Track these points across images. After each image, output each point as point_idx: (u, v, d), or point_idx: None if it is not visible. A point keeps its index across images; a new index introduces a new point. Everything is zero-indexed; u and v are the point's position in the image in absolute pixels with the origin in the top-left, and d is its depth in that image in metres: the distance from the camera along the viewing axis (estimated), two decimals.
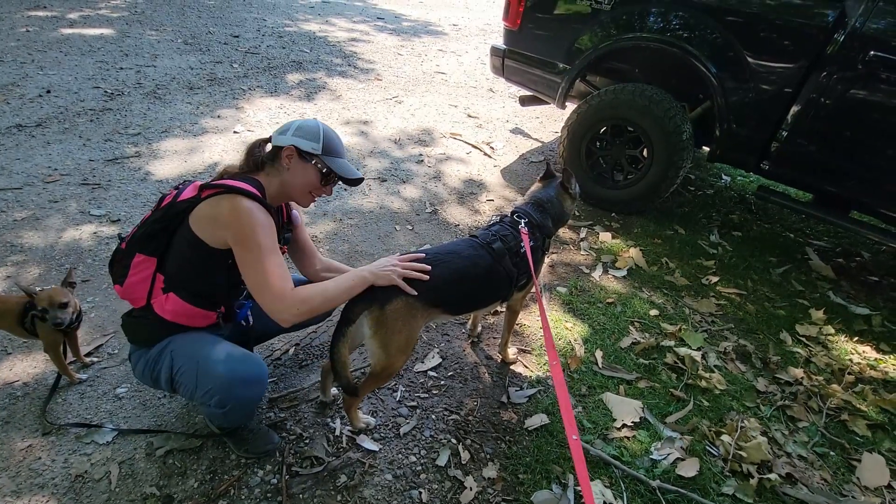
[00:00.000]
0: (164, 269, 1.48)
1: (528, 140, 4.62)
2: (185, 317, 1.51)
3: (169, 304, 1.48)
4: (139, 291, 1.50)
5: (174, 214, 1.44)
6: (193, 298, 1.50)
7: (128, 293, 1.52)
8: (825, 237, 3.70)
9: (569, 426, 1.31)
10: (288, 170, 1.51)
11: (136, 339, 1.58)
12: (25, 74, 4.20)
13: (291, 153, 1.50)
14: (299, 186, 1.54)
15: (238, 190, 1.39)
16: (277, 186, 1.53)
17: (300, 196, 1.58)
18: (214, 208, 1.39)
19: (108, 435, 1.72)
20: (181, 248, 1.45)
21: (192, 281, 1.49)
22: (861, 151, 2.71)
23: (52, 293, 1.71)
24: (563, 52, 3.45)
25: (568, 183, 2.06)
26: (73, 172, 3.11)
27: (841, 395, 2.21)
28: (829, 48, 2.61)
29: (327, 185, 1.58)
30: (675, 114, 3.07)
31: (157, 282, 1.49)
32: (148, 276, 1.48)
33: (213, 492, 1.59)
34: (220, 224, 1.38)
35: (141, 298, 1.50)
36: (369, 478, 1.69)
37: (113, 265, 1.55)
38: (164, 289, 1.48)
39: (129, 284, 1.50)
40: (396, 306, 1.54)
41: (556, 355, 1.48)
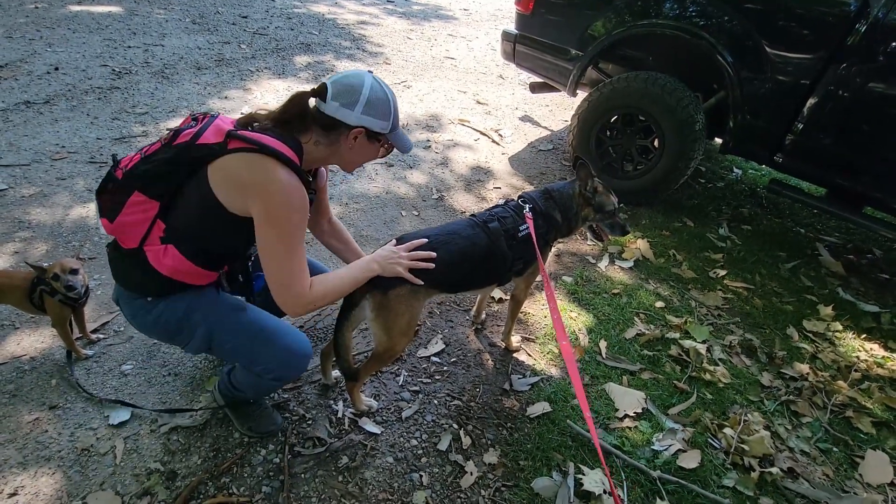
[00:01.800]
0: (168, 219, 1.27)
1: (538, 128, 4.56)
2: (185, 275, 1.33)
3: (167, 259, 1.29)
4: (132, 234, 1.29)
5: (190, 160, 1.22)
6: (197, 257, 1.31)
7: (117, 231, 1.31)
8: (836, 233, 3.65)
9: (583, 403, 1.32)
10: (349, 148, 1.35)
11: (127, 284, 1.39)
12: (34, 51, 4.18)
13: (360, 134, 1.33)
14: (356, 160, 1.42)
15: (276, 153, 1.19)
16: (325, 156, 1.37)
17: (350, 167, 1.45)
18: (243, 171, 1.19)
19: (125, 415, 1.73)
20: (193, 202, 1.25)
21: (199, 240, 1.30)
22: (878, 146, 2.66)
23: (62, 262, 1.75)
24: (576, 39, 3.38)
25: (583, 182, 1.87)
26: (80, 150, 3.11)
27: (846, 392, 2.19)
28: (849, 39, 2.54)
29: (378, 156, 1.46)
30: (688, 103, 3.01)
31: (155, 229, 1.28)
32: (146, 219, 1.27)
33: (216, 469, 1.60)
34: (247, 192, 1.20)
35: (132, 241, 1.29)
36: (370, 460, 1.70)
37: (102, 194, 1.30)
38: (163, 238, 1.28)
39: (121, 223, 1.28)
40: (399, 290, 1.54)
41: (566, 335, 1.47)
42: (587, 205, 1.90)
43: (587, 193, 1.88)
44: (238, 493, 1.56)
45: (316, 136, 1.32)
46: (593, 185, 1.87)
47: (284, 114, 1.29)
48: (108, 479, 1.55)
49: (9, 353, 1.89)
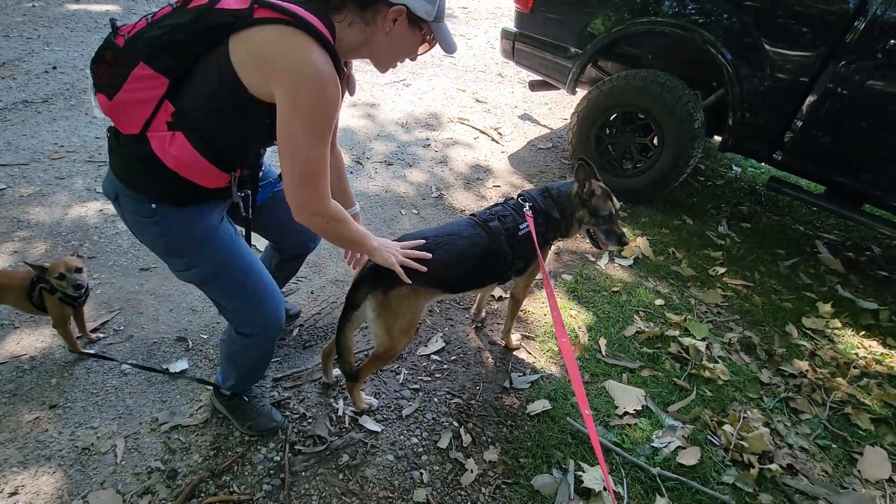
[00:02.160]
0: (177, 100, 1.09)
1: (537, 126, 4.56)
2: (192, 170, 1.15)
3: (174, 149, 1.11)
4: (133, 116, 1.10)
5: (208, 28, 1.03)
6: (208, 149, 1.13)
7: (115, 112, 1.11)
8: (835, 231, 3.65)
9: (581, 401, 1.31)
10: (387, 34, 1.17)
11: (128, 182, 1.20)
12: (31, 50, 4.17)
13: (400, 15, 1.14)
14: (392, 53, 1.24)
15: (311, 28, 1.01)
16: (359, 43, 1.18)
17: (383, 63, 1.27)
18: (272, 46, 1.01)
19: None
20: (209, 80, 1.07)
21: (213, 128, 1.13)
22: (877, 143, 2.66)
23: (65, 260, 1.74)
24: (575, 36, 3.38)
25: (581, 183, 1.82)
26: (79, 149, 3.10)
27: (845, 389, 2.20)
28: (848, 36, 2.54)
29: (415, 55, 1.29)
30: (687, 101, 3.01)
31: (161, 111, 1.09)
32: (151, 99, 1.08)
33: (217, 467, 1.61)
34: (275, 73, 1.02)
35: (133, 126, 1.11)
36: (371, 458, 1.71)
37: (99, 64, 1.11)
38: (170, 124, 1.09)
39: (120, 101, 1.09)
40: (400, 290, 1.54)
41: (566, 332, 1.46)
42: (582, 206, 1.85)
43: (583, 195, 1.83)
44: (239, 491, 1.56)
45: (350, 16, 1.13)
46: (591, 187, 1.82)
47: None
48: (109, 478, 1.55)
49: (8, 353, 1.89)
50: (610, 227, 1.86)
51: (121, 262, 2.38)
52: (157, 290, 2.26)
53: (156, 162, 1.12)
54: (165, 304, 2.20)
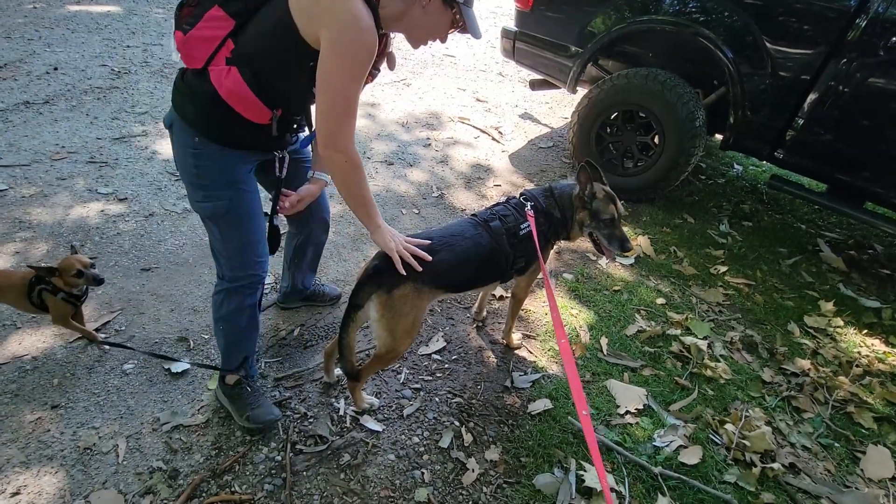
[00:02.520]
0: (238, 39, 1.28)
1: (538, 125, 4.56)
2: (240, 102, 1.33)
3: (228, 81, 1.29)
4: (200, 51, 1.29)
5: None
6: (256, 84, 1.30)
7: (187, 46, 1.31)
8: (837, 229, 3.64)
9: (579, 402, 1.30)
10: (423, 7, 1.32)
11: (182, 112, 1.40)
12: (33, 51, 4.17)
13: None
14: (424, 30, 1.37)
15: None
16: (397, 14, 1.33)
17: (417, 38, 1.40)
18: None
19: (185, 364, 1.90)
20: (268, 22, 1.26)
21: (264, 64, 1.29)
22: (879, 141, 2.65)
23: (77, 257, 1.77)
24: (576, 35, 3.38)
25: (583, 185, 1.78)
26: (80, 150, 3.11)
27: (848, 388, 2.19)
28: (849, 34, 2.53)
29: (446, 36, 1.42)
30: (688, 99, 3.01)
31: (224, 49, 1.29)
32: (217, 37, 1.28)
33: (219, 467, 1.61)
34: (322, 17, 1.19)
35: (199, 60, 1.30)
36: (372, 457, 1.71)
37: (183, 7, 1.33)
38: (228, 59, 1.29)
39: (193, 37, 1.29)
40: (404, 291, 1.54)
41: (565, 333, 1.46)
42: (583, 208, 1.81)
43: (584, 197, 1.80)
44: (240, 491, 1.56)
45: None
46: (592, 189, 1.78)
47: None
48: (111, 478, 1.55)
49: (11, 353, 1.89)
50: (612, 231, 1.80)
51: (122, 263, 2.38)
52: (158, 290, 2.26)
53: (208, 97, 1.32)
54: (167, 304, 2.21)
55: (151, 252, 2.47)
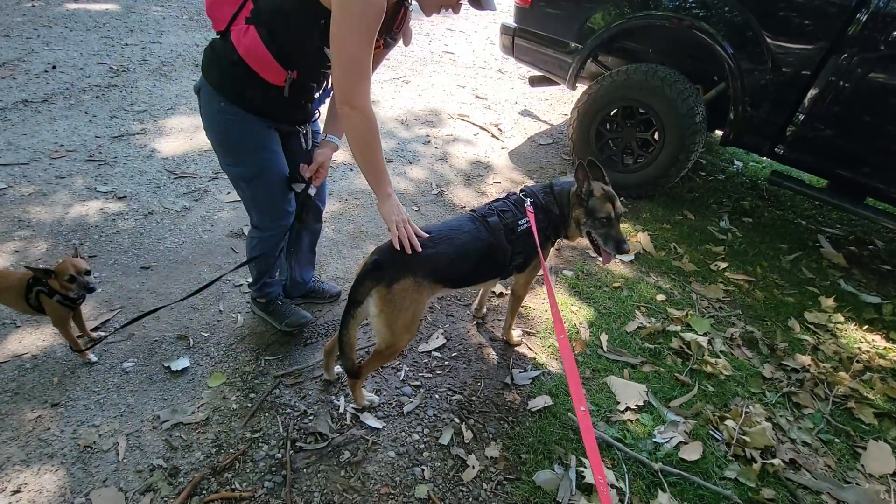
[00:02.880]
0: (257, 1, 1.40)
1: (537, 122, 4.55)
2: (256, 60, 1.42)
3: (246, 39, 1.40)
4: (224, 12, 1.42)
5: None
6: (272, 44, 1.40)
7: (213, 9, 1.45)
8: (837, 225, 3.64)
9: (577, 397, 1.30)
10: None
11: (208, 76, 1.52)
12: (31, 50, 4.16)
13: None
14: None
15: None
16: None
17: (429, 5, 1.44)
18: None
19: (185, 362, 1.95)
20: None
21: (278, 24, 1.38)
22: (880, 136, 2.64)
23: (74, 262, 1.72)
24: (575, 31, 3.37)
25: (580, 182, 1.76)
26: (79, 149, 3.10)
27: (848, 383, 2.19)
28: (850, 29, 2.52)
29: (458, 4, 1.45)
30: (688, 95, 3.00)
31: (244, 10, 1.40)
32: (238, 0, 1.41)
33: (219, 465, 1.61)
34: None
35: (223, 21, 1.43)
36: (372, 454, 1.71)
37: None
38: (248, 19, 1.39)
39: (219, 1, 1.43)
40: (403, 285, 1.53)
41: (564, 329, 1.45)
42: (579, 206, 1.79)
43: (581, 194, 1.77)
44: (241, 488, 1.56)
45: None
46: (590, 187, 1.75)
47: None
48: (111, 476, 1.55)
49: (10, 352, 1.89)
50: (608, 231, 1.76)
51: (121, 261, 2.38)
52: (157, 288, 2.26)
53: (228, 58, 1.43)
54: (166, 302, 2.20)
55: (151, 250, 2.47)
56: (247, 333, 2.11)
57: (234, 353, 2.02)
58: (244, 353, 2.03)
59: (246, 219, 2.76)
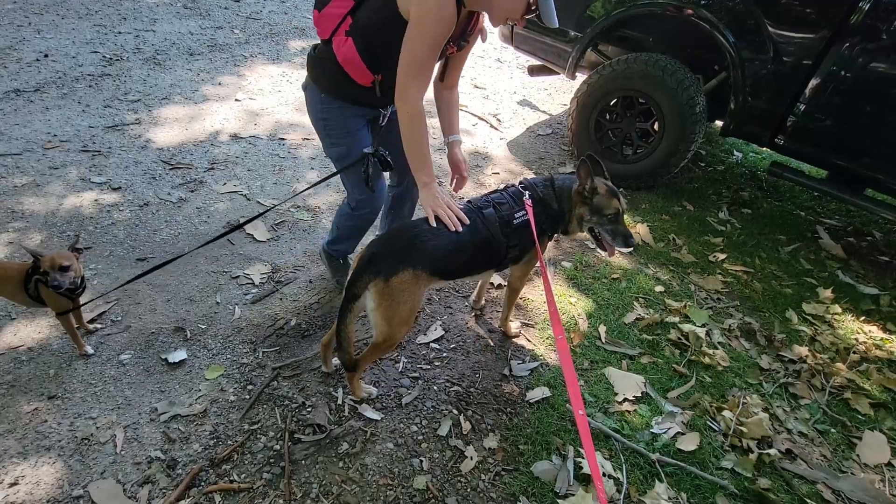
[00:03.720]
0: (355, 16, 1.61)
1: (536, 112, 4.51)
2: (351, 66, 1.66)
3: (344, 49, 1.63)
4: (328, 24, 1.66)
5: None
6: (364, 52, 1.62)
7: (320, 21, 1.69)
8: (836, 216, 3.63)
9: (575, 401, 1.30)
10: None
11: (312, 75, 1.80)
12: (22, 38, 4.10)
13: None
14: (503, 8, 1.56)
15: None
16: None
17: (497, 15, 1.59)
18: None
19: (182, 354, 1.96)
20: (377, 4, 1.57)
21: (370, 36, 1.61)
22: (881, 127, 2.62)
23: (55, 256, 1.68)
24: (575, 20, 3.32)
25: (583, 180, 1.74)
26: (72, 139, 3.07)
27: (845, 374, 2.20)
28: (852, 17, 2.49)
29: (523, 18, 1.59)
30: (689, 85, 2.97)
31: (344, 24, 1.63)
32: (341, 14, 1.62)
33: (217, 457, 1.61)
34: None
35: (326, 31, 1.67)
36: (371, 446, 1.71)
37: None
38: (347, 32, 1.62)
39: (325, 13, 1.66)
40: (400, 279, 1.53)
41: (562, 330, 1.46)
42: (583, 204, 1.78)
43: (584, 192, 1.76)
44: (239, 480, 1.56)
45: None
46: (593, 184, 1.74)
47: None
48: (109, 468, 1.55)
49: (6, 344, 1.88)
50: (615, 227, 1.77)
51: (117, 253, 2.36)
52: (154, 280, 2.25)
53: (329, 62, 1.68)
54: (163, 294, 2.19)
55: (146, 242, 2.45)
56: (244, 325, 2.11)
57: (232, 345, 2.02)
58: (242, 344, 2.02)
59: (243, 209, 2.76)
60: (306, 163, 3.26)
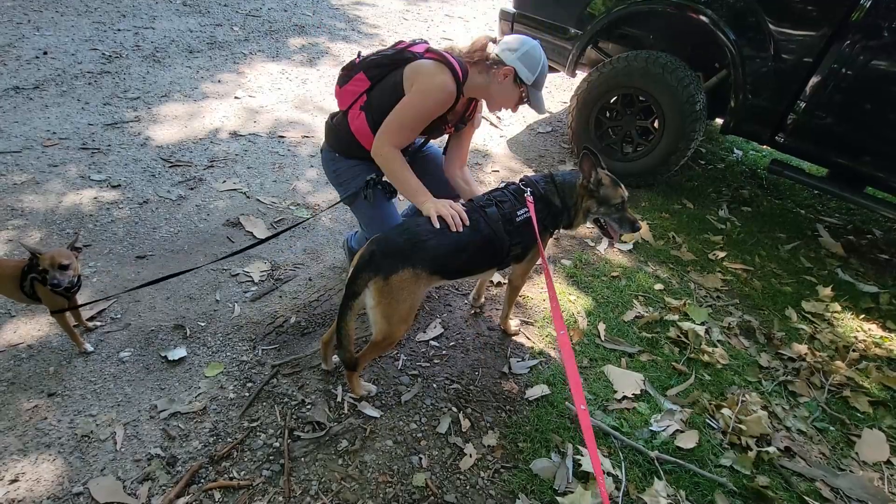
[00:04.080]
0: (370, 94, 1.84)
1: None
2: (361, 135, 1.88)
3: (357, 122, 1.87)
4: (346, 99, 1.91)
5: (401, 59, 1.80)
6: (373, 126, 1.82)
7: (339, 95, 1.94)
8: (836, 214, 3.63)
9: (577, 396, 1.30)
10: (499, 83, 1.78)
11: (329, 140, 2.02)
12: (21, 35, 4.09)
13: (509, 73, 1.76)
14: (499, 99, 1.83)
15: (450, 65, 1.71)
16: (480, 85, 1.82)
17: (494, 105, 1.87)
18: (424, 66, 1.73)
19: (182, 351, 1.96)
20: (388, 85, 1.80)
21: (380, 113, 1.79)
22: (881, 125, 2.62)
23: (55, 254, 1.68)
24: (575, 17, 3.32)
25: (587, 174, 1.77)
26: (72, 136, 3.06)
27: (844, 372, 2.20)
28: (854, 15, 2.49)
29: (517, 106, 1.86)
30: (689, 83, 2.96)
31: (360, 100, 1.86)
32: (358, 91, 1.86)
33: (217, 454, 1.61)
34: (419, 78, 1.72)
35: (344, 104, 1.92)
36: (370, 443, 1.71)
37: (344, 70, 1.92)
38: (361, 107, 1.86)
39: (345, 90, 1.90)
40: (400, 277, 1.53)
41: (564, 325, 1.46)
42: (590, 197, 1.81)
43: (590, 185, 1.79)
44: (239, 477, 1.57)
45: (481, 68, 1.81)
46: (597, 176, 1.78)
47: (468, 52, 1.84)
48: (109, 465, 1.56)
49: (6, 342, 1.88)
50: (622, 214, 1.83)
51: (117, 250, 2.36)
52: (153, 277, 2.24)
53: (344, 130, 1.92)
54: (162, 292, 2.19)
55: (146, 239, 2.45)
56: (244, 323, 2.11)
57: (231, 343, 2.02)
58: (241, 342, 2.02)
59: (242, 207, 2.76)
60: (306, 160, 3.26)
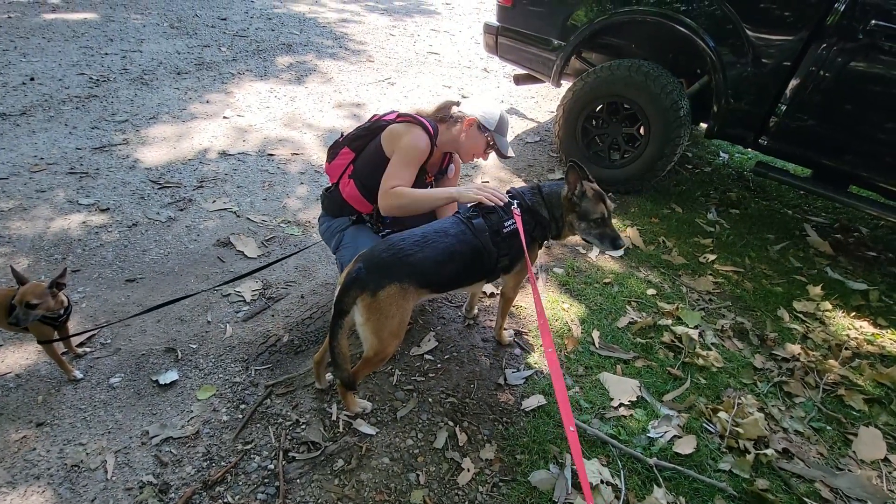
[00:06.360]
0: (355, 163, 2.05)
1: (524, 120, 4.55)
2: (354, 200, 2.08)
3: (348, 189, 2.06)
4: (336, 172, 2.10)
5: (376, 128, 2.01)
6: (363, 189, 2.03)
7: (330, 170, 2.14)
8: (823, 213, 3.68)
9: (566, 417, 1.29)
10: (465, 134, 1.99)
11: (325, 209, 2.21)
12: (8, 62, 4.09)
13: (473, 122, 1.97)
14: (468, 148, 2.02)
15: (422, 124, 1.92)
16: (451, 139, 2.02)
17: (465, 154, 2.06)
18: (400, 129, 1.93)
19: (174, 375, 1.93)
20: (370, 151, 2.00)
21: (366, 177, 2.00)
22: (861, 125, 2.67)
23: (26, 290, 1.63)
24: (558, 28, 3.37)
25: (571, 186, 1.76)
26: (59, 161, 3.05)
27: (838, 371, 2.21)
28: (829, 18, 2.54)
29: (486, 153, 2.05)
30: (672, 90, 3.01)
31: (347, 170, 2.06)
32: (345, 163, 2.07)
33: (210, 479, 1.58)
34: (395, 140, 1.91)
35: (335, 177, 2.12)
36: (366, 461, 1.69)
37: (331, 148, 2.13)
38: (349, 175, 2.05)
39: (333, 165, 2.10)
40: (388, 292, 1.52)
41: (552, 342, 1.45)
42: (572, 210, 1.78)
43: (573, 198, 1.76)
44: (233, 501, 1.54)
45: (449, 125, 2.03)
46: (581, 189, 1.75)
47: (434, 112, 2.07)
48: (100, 495, 1.53)
49: None
50: (603, 230, 1.78)
51: (106, 275, 2.34)
52: (143, 301, 2.23)
53: (338, 198, 2.11)
54: (152, 315, 2.17)
55: (136, 262, 2.43)
56: (236, 343, 2.09)
57: (224, 364, 2.00)
58: (233, 363, 2.00)
59: (233, 226, 2.75)
60: (295, 178, 3.26)
